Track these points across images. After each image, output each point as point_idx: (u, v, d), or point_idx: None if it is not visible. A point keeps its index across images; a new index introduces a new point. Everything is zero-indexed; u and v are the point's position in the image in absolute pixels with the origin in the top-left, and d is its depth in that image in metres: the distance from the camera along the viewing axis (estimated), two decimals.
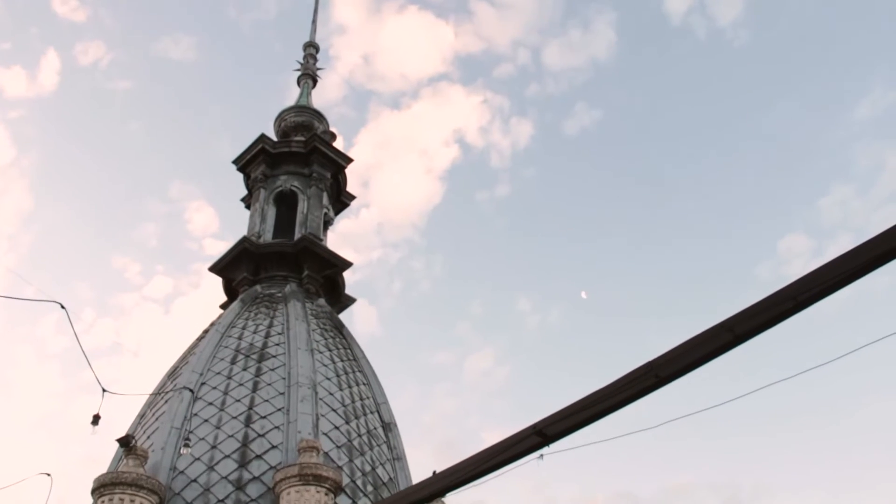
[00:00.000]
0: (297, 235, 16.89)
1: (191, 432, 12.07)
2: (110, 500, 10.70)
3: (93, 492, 11.01)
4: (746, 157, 44.41)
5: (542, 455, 7.29)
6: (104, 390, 9.55)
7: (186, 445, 11.82)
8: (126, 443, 11.68)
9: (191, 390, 12.86)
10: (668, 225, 46.00)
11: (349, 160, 18.85)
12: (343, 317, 16.53)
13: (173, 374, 14.25)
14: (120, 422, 14.06)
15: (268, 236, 17.14)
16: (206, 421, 12.44)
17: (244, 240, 16.55)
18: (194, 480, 11.61)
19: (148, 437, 12.68)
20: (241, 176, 18.91)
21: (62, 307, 9.61)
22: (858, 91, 44.59)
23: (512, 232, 46.97)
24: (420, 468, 14.05)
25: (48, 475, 12.21)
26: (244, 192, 19.02)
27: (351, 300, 17.34)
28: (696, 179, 46.07)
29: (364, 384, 14.26)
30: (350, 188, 19.49)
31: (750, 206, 43.41)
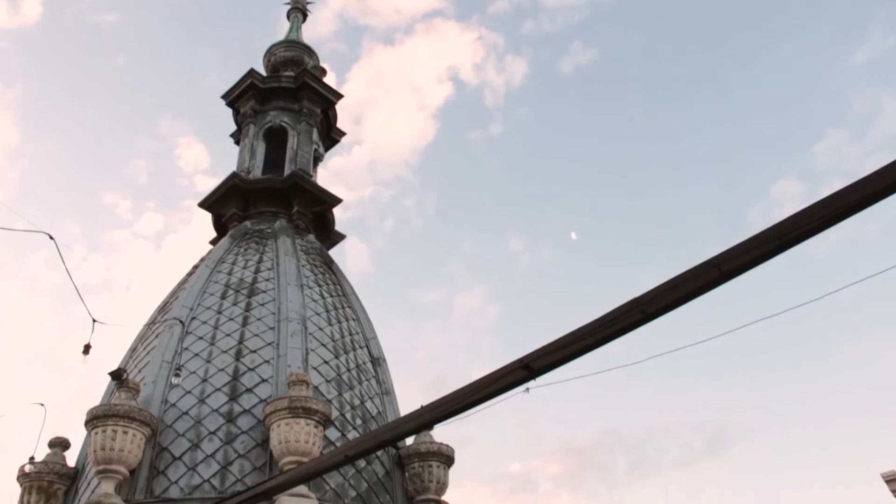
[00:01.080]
0: (286, 171, 16.87)
1: (182, 366, 12.19)
2: (104, 431, 10.82)
3: (86, 423, 11.15)
4: (741, 102, 44.22)
5: (527, 389, 7.41)
6: (94, 321, 9.59)
7: (177, 375, 11.96)
8: (118, 376, 11.79)
9: (181, 321, 12.95)
10: (661, 168, 45.99)
11: (339, 96, 18.69)
12: (334, 254, 16.58)
13: (163, 309, 14.33)
14: (112, 356, 14.19)
15: (257, 172, 17.11)
16: (196, 355, 12.55)
17: (233, 175, 16.53)
18: (186, 413, 11.75)
19: (139, 371, 12.80)
20: (230, 111, 18.76)
21: (50, 237, 9.60)
22: (856, 36, 44.25)
23: (504, 171, 46.88)
24: (409, 404, 14.26)
25: (42, 405, 12.40)
26: (234, 127, 18.89)
27: (341, 237, 17.39)
28: (690, 123, 45.94)
29: (353, 319, 14.38)
30: (342, 125, 19.39)
31: (744, 151, 43.38)
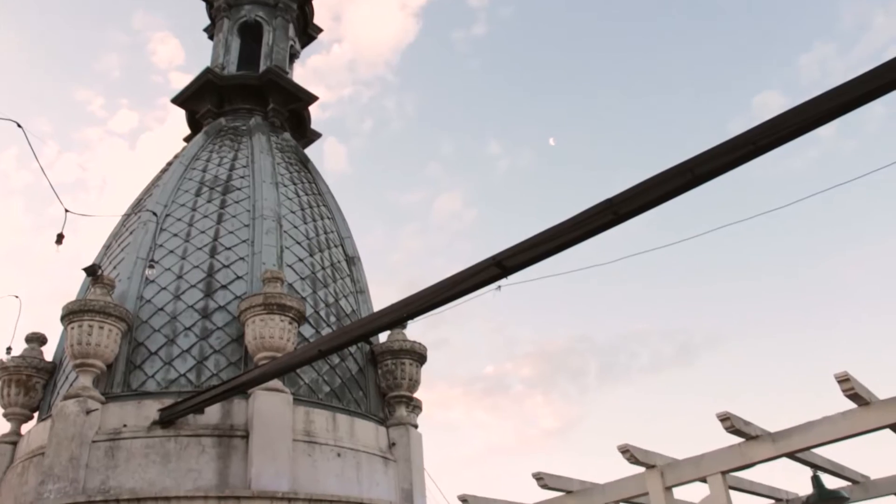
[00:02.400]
0: (261, 68, 16.57)
1: (156, 261, 12.17)
2: (80, 326, 10.85)
3: (62, 318, 11.16)
4: (728, 11, 43.48)
5: (500, 286, 7.52)
6: (66, 211, 9.47)
7: (151, 267, 11.95)
8: (93, 272, 11.75)
9: (154, 214, 12.86)
10: (644, 77, 45.48)
11: None
12: (312, 154, 16.44)
13: (137, 206, 14.21)
14: (86, 254, 14.14)
15: (232, 68, 16.79)
16: (171, 252, 12.51)
17: (207, 71, 16.20)
18: (161, 309, 11.79)
19: (114, 268, 12.77)
20: (204, 4, 18.23)
21: (18, 125, 9.39)
22: None
23: (486, 74, 46.19)
24: (385, 305, 14.39)
25: (16, 297, 12.40)
26: (208, 21, 18.39)
27: (317, 135, 17.22)
28: (675, 31, 45.23)
29: (329, 218, 14.36)
30: (320, 22, 18.94)
31: (728, 61, 42.91)
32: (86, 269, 11.96)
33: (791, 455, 6.82)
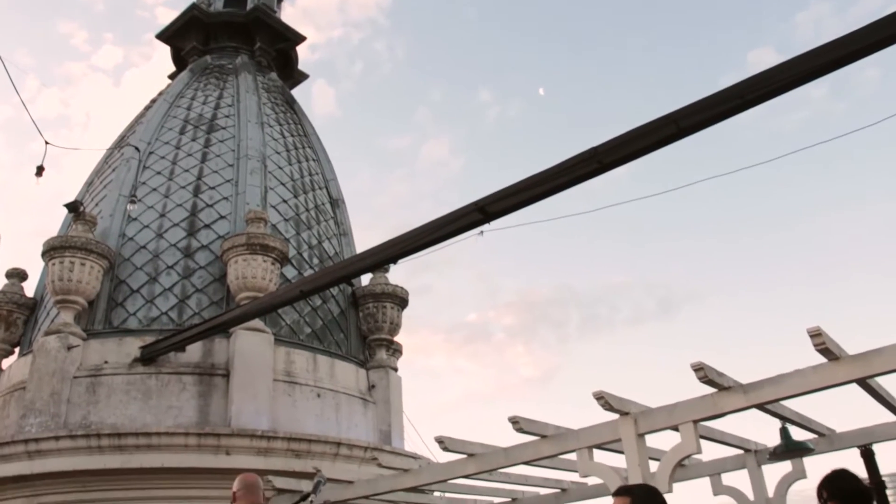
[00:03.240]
0: (248, 6, 16.34)
1: (139, 199, 12.10)
2: (61, 262, 10.83)
3: (43, 255, 11.13)
4: None
5: (482, 232, 7.55)
6: (46, 143, 9.33)
7: (132, 203, 11.89)
8: (74, 208, 11.68)
9: (137, 149, 12.74)
10: (638, 31, 45.17)
11: None
12: (299, 96, 16.30)
13: (120, 143, 14.06)
14: (68, 191, 14.03)
15: (219, 5, 16.55)
16: (154, 190, 12.44)
17: (193, 7, 15.95)
18: (143, 247, 11.76)
19: (96, 205, 12.69)
20: None
21: None
22: None
23: (480, 21, 45.72)
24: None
25: None
26: None
27: (304, 76, 17.05)
28: None
29: (314, 160, 14.28)
30: None
31: (724, 17, 42.63)
32: (67, 206, 11.89)
33: (761, 406, 6.93)
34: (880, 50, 5.46)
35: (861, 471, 9.22)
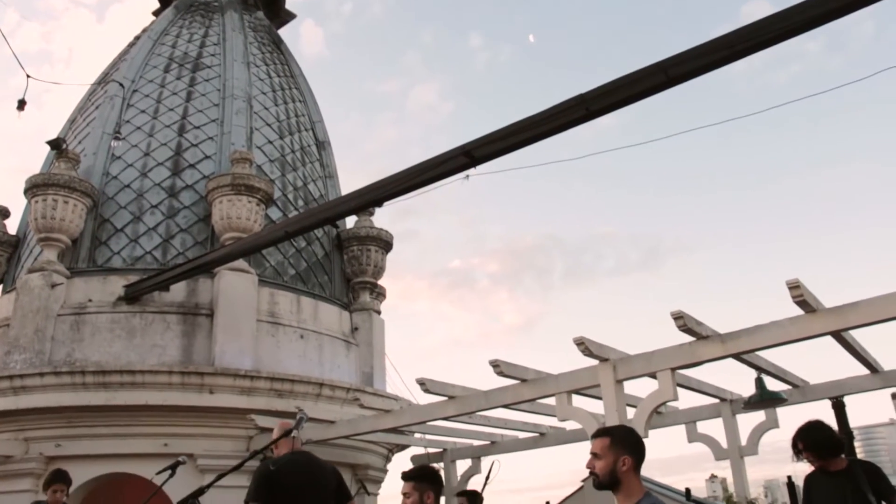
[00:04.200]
0: None
1: (123, 137, 11.98)
2: (44, 200, 10.75)
3: (26, 192, 11.04)
4: None
5: (468, 176, 7.55)
6: (28, 76, 9.15)
7: (117, 138, 11.77)
8: (57, 146, 11.55)
9: (121, 85, 12.57)
10: None
11: None
12: (287, 36, 16.02)
13: (104, 80, 13.86)
14: (50, 128, 13.85)
15: None
16: (138, 128, 12.30)
17: None
18: (127, 186, 11.67)
19: (79, 143, 12.55)
20: None
21: None
22: None
23: None
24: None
25: None
26: None
27: (291, 16, 16.74)
28: None
29: (300, 101, 14.14)
30: None
31: None
32: (50, 143, 11.76)
33: (738, 356, 7.05)
34: (873, 4, 5.43)
35: (831, 422, 9.48)
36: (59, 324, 10.40)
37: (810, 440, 5.42)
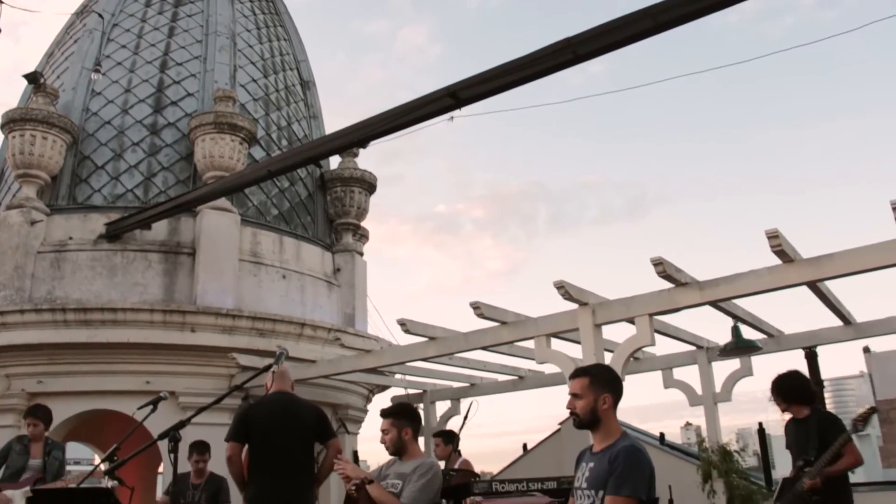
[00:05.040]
0: None
1: (104, 72, 11.78)
2: (21, 135, 10.60)
3: (2, 127, 10.88)
4: None
5: (452, 117, 7.51)
6: (1, 2, 8.92)
7: (97, 71, 11.57)
8: (34, 80, 11.34)
9: (100, 16, 12.30)
10: None
11: None
12: None
13: (82, 13, 13.55)
14: (27, 62, 13.56)
15: None
16: (119, 64, 12.08)
17: None
18: (108, 122, 11.51)
19: (58, 77, 12.33)
20: None
21: None
22: None
23: None
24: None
25: None
26: None
27: None
28: None
29: (285, 40, 13.90)
30: None
31: None
32: (27, 77, 11.53)
33: (715, 304, 7.14)
34: None
35: (804, 370, 9.68)
36: (39, 261, 10.35)
37: (776, 386, 5.81)
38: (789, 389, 5.77)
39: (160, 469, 12.84)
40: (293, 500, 5.66)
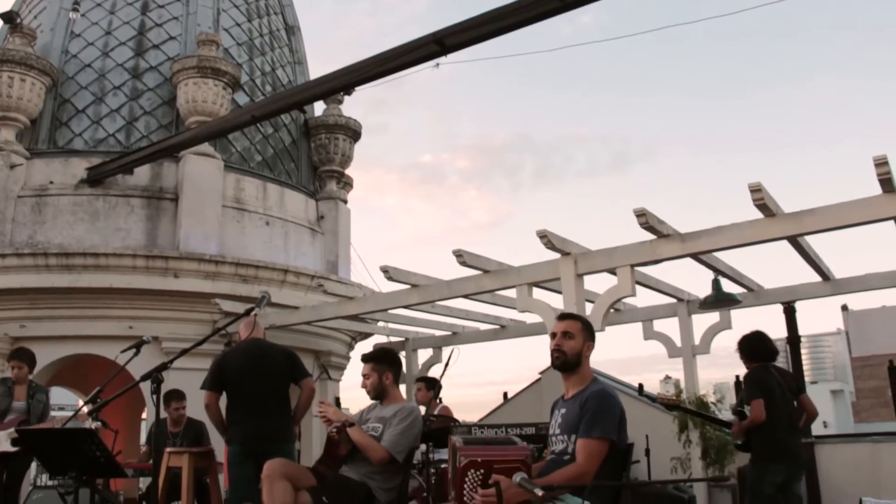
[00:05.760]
0: None
1: (83, 14, 11.54)
2: None
3: None
4: None
5: (438, 64, 7.45)
6: None
7: (75, 10, 11.32)
8: (10, 19, 11.06)
9: None
10: None
11: None
12: None
13: None
14: (2, 2, 13.24)
15: None
16: (98, 5, 11.81)
17: None
18: (88, 65, 11.32)
19: (35, 18, 12.07)
20: None
21: None
22: None
23: None
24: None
25: None
26: None
27: None
28: None
29: None
30: None
31: None
32: (2, 16, 11.23)
33: (696, 256, 7.20)
34: None
35: (782, 325, 9.81)
36: (19, 205, 10.26)
37: (738, 345, 6.27)
38: (747, 348, 6.22)
39: (143, 415, 12.94)
40: (273, 437, 5.87)
